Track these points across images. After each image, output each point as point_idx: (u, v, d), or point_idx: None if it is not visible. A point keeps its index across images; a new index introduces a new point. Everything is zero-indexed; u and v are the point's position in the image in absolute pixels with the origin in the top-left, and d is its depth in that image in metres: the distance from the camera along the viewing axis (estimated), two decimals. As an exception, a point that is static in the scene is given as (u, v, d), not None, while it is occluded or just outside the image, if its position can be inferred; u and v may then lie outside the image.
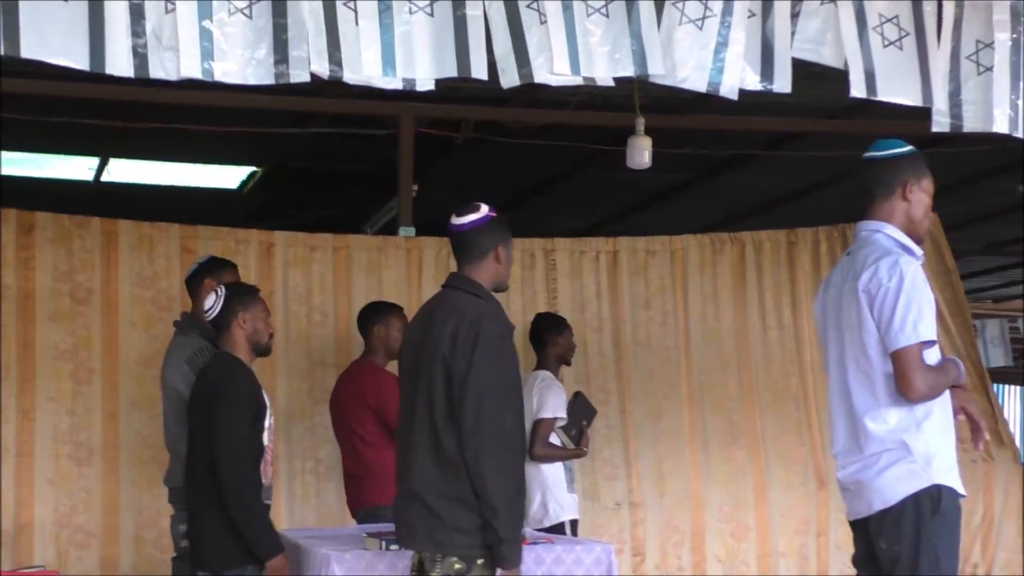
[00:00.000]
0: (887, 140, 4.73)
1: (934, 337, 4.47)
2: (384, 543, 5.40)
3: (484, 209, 4.81)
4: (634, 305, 8.40)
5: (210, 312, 5.63)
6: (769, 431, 8.39)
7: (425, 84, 4.17)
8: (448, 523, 4.61)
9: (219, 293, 5.64)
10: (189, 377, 5.97)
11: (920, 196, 4.66)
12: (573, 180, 10.49)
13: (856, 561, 4.72)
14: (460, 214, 4.82)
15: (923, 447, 4.44)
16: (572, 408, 7.37)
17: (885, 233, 4.62)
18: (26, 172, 10.41)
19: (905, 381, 4.39)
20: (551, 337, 7.47)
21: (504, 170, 10.17)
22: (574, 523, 7.30)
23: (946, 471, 4.47)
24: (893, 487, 4.42)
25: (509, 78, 4.22)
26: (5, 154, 9.82)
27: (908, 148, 4.68)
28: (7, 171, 10.31)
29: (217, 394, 5.46)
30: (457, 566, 4.64)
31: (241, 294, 5.70)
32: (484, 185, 10.45)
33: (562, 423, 7.30)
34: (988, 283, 15.65)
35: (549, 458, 7.25)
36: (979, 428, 4.61)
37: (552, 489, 7.27)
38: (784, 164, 9.79)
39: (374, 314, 7.03)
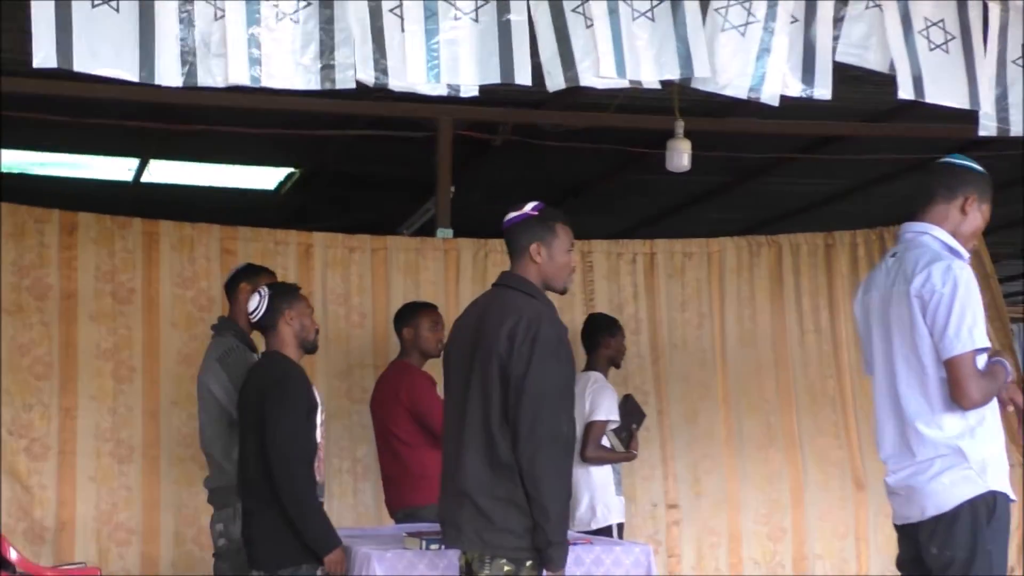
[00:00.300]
0: (962, 156, 4.74)
1: (988, 344, 4.46)
2: (424, 543, 5.44)
3: (528, 207, 4.77)
4: (671, 307, 8.41)
5: (255, 313, 5.63)
6: (806, 433, 8.38)
7: (469, 90, 4.20)
8: (498, 524, 4.59)
9: (262, 293, 5.64)
10: (220, 377, 6.03)
11: (977, 216, 4.66)
12: (610, 183, 10.50)
13: (901, 564, 4.72)
14: (510, 211, 4.80)
15: (978, 453, 4.43)
16: (622, 411, 7.37)
17: (932, 235, 4.61)
18: (66, 172, 10.48)
19: (960, 389, 4.37)
20: (603, 339, 7.47)
21: (541, 173, 10.19)
22: (620, 526, 7.29)
23: (1000, 477, 4.46)
24: (948, 493, 4.42)
25: (555, 81, 4.25)
26: (46, 155, 9.92)
27: (983, 171, 4.68)
28: (49, 172, 10.42)
29: (269, 393, 5.45)
30: (507, 568, 4.61)
31: (285, 292, 5.71)
32: (521, 187, 10.40)
33: (614, 426, 7.30)
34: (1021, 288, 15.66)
35: (600, 460, 7.25)
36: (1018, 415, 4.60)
37: (600, 492, 7.27)
38: (822, 167, 9.77)
39: (404, 315, 7.07)
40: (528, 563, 4.62)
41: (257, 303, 5.63)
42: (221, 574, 6.08)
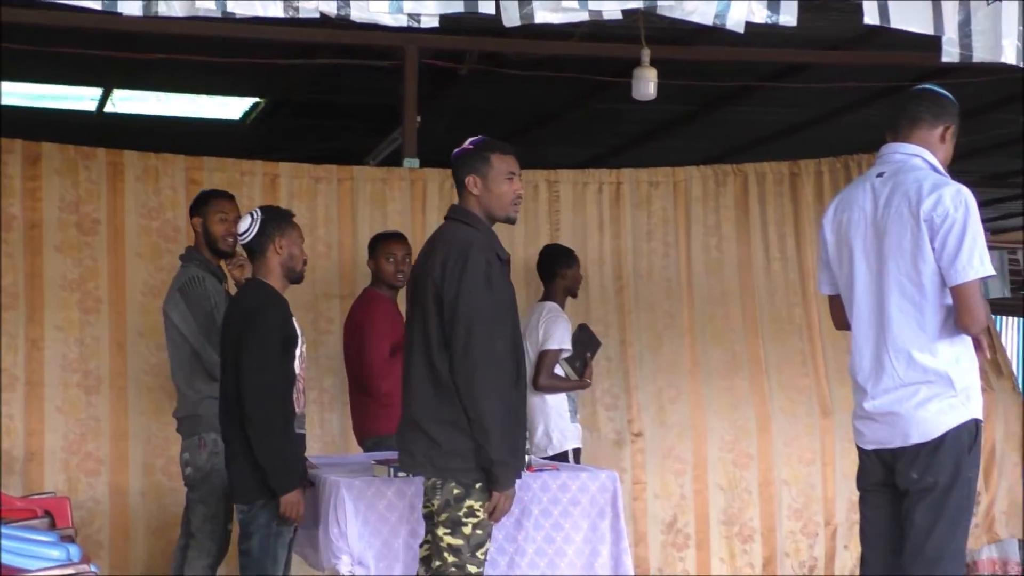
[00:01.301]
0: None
1: (994, 272, 4.48)
2: (392, 470, 5.49)
3: (468, 142, 4.96)
4: (637, 237, 8.40)
5: (245, 235, 5.48)
6: (772, 361, 8.42)
7: (430, 20, 4.18)
8: (445, 447, 4.74)
9: (255, 216, 5.50)
10: (179, 305, 6.02)
11: (950, 147, 4.69)
12: (577, 112, 10.48)
13: (866, 486, 4.74)
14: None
15: (963, 381, 4.47)
16: (576, 340, 7.42)
17: (923, 158, 4.60)
18: (29, 103, 10.39)
19: (970, 314, 4.37)
20: (559, 269, 7.51)
21: (508, 102, 10.15)
22: (577, 451, 7.39)
23: (978, 405, 4.52)
24: (935, 421, 4.45)
25: (510, 16, 4.22)
26: (7, 85, 9.81)
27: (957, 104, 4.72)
28: (10, 102, 10.31)
29: (247, 323, 5.38)
30: (456, 491, 4.76)
31: (278, 218, 5.56)
32: (487, 117, 10.44)
33: (567, 355, 7.36)
34: (988, 215, 15.66)
35: (553, 388, 7.31)
36: (980, 345, 4.64)
37: (555, 419, 7.36)
38: (789, 96, 9.77)
39: (370, 246, 7.14)
40: (477, 485, 4.75)
41: (248, 225, 5.48)
42: (193, 503, 6.11)
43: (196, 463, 6.02)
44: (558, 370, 7.37)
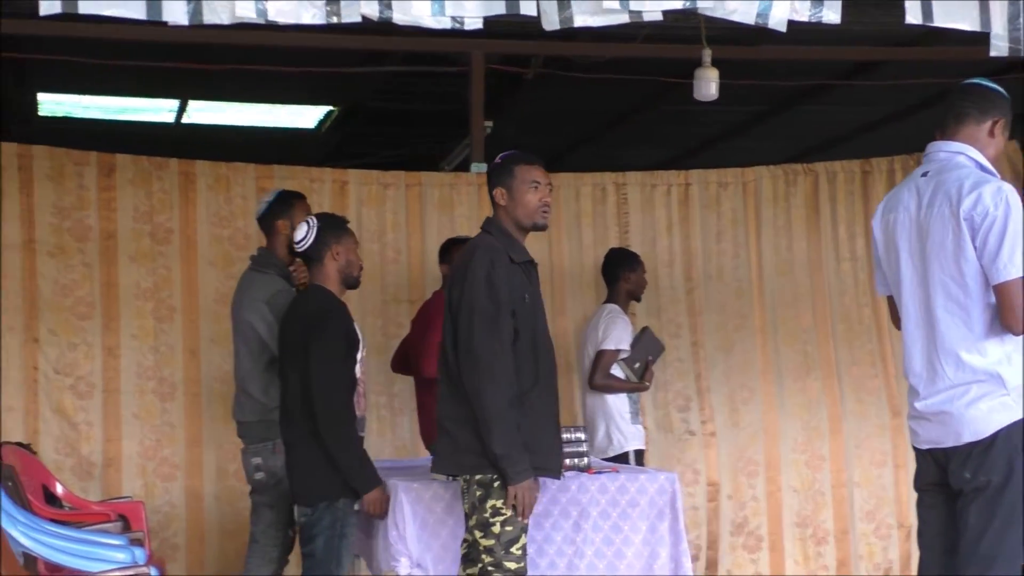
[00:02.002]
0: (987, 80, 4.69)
1: None
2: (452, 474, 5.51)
3: (497, 157, 5.15)
4: (706, 238, 8.38)
5: (302, 243, 5.56)
6: (843, 362, 8.36)
7: (473, 22, 4.22)
8: (461, 445, 4.90)
9: (311, 224, 5.57)
10: (267, 318, 5.97)
11: (1000, 141, 4.60)
12: (646, 114, 10.47)
13: (921, 487, 4.70)
14: None
15: (1015, 379, 4.39)
16: (638, 342, 7.42)
17: (968, 155, 4.53)
18: (109, 116, 10.61)
19: (1013, 314, 4.31)
20: (622, 273, 7.52)
21: (576, 105, 10.17)
22: (639, 453, 7.38)
23: None
24: (987, 419, 4.39)
25: (550, 20, 4.25)
26: (87, 98, 10.02)
27: (1007, 95, 4.64)
28: (91, 115, 10.54)
29: (311, 328, 5.44)
30: (478, 492, 4.89)
31: (334, 226, 5.64)
32: (556, 121, 10.49)
33: (624, 356, 7.36)
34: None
35: (607, 388, 7.32)
36: None
37: (616, 420, 7.36)
38: (862, 94, 9.69)
39: (444, 251, 7.19)
40: (496, 484, 4.84)
41: (305, 233, 5.55)
42: (255, 507, 6.18)
43: (271, 468, 6.03)
44: (618, 372, 7.37)
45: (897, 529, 8.29)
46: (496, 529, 4.85)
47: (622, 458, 7.21)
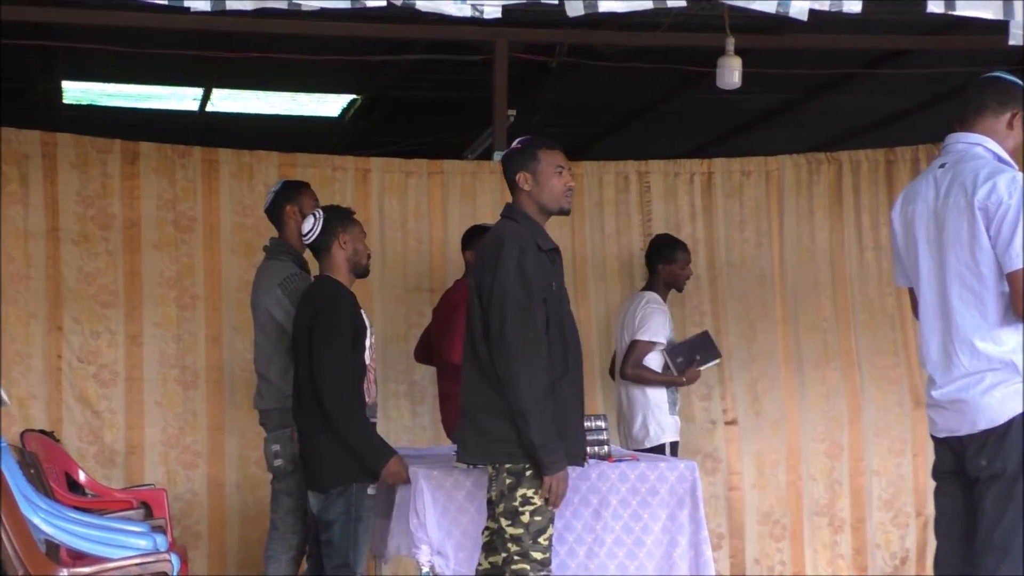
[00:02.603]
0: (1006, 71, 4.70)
1: None
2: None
3: (515, 142, 5.12)
4: (729, 226, 8.36)
5: (309, 235, 5.71)
6: (864, 351, 8.33)
7: (493, 11, 4.21)
8: (492, 435, 4.85)
9: (317, 216, 5.72)
10: (283, 302, 6.06)
11: (1019, 133, 4.64)
12: (671, 104, 10.43)
13: (939, 476, 4.74)
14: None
15: None
16: (694, 343, 7.41)
17: (985, 147, 4.57)
18: (134, 103, 10.64)
19: None
20: (658, 263, 7.45)
21: (600, 94, 10.14)
22: (674, 445, 7.34)
23: None
24: (1001, 407, 4.41)
25: (574, 7, 4.24)
26: (111, 87, 10.05)
27: None
28: (116, 103, 10.57)
29: (317, 318, 5.55)
30: (508, 480, 4.85)
31: (340, 216, 5.77)
32: (581, 110, 10.46)
33: (660, 347, 7.31)
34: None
35: (639, 379, 7.29)
36: None
37: (654, 411, 7.32)
38: (885, 84, 9.64)
39: (467, 239, 7.17)
40: (528, 473, 4.80)
41: (312, 225, 5.70)
42: (279, 494, 6.21)
43: (289, 455, 6.08)
44: (656, 362, 7.32)
45: (915, 518, 8.28)
46: (525, 518, 4.83)
47: (658, 449, 7.18)
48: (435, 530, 5.42)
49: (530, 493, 4.82)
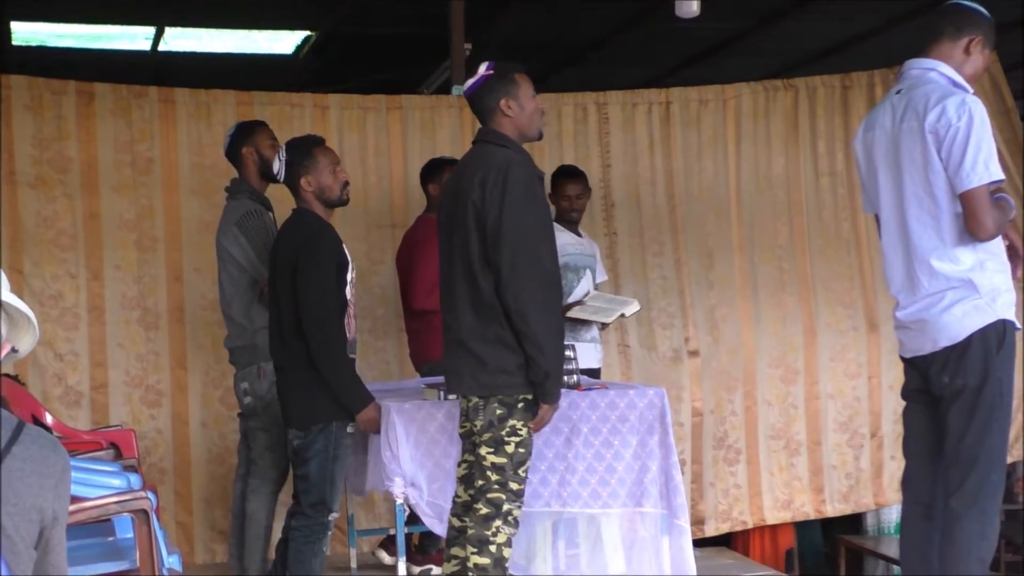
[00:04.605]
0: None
1: (1003, 176, 4.51)
2: (442, 394, 5.56)
3: (483, 68, 4.99)
4: (687, 156, 8.36)
5: (279, 174, 5.69)
6: (820, 276, 8.41)
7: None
8: (491, 365, 4.80)
9: (281, 157, 5.67)
10: (240, 239, 6.11)
11: (979, 58, 4.69)
12: (629, 35, 10.39)
13: (907, 395, 4.86)
14: (468, 79, 5.01)
15: (988, 283, 4.52)
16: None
17: (939, 71, 4.63)
18: (84, 44, 10.49)
19: (976, 221, 4.43)
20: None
21: (558, 27, 10.10)
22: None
23: (1008, 306, 4.57)
24: (960, 324, 4.52)
25: None
26: (61, 26, 9.91)
27: (988, 15, 4.72)
28: (67, 44, 10.43)
29: (300, 251, 5.48)
30: (499, 411, 4.83)
31: (301, 152, 5.68)
32: (538, 42, 10.41)
33: None
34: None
35: None
36: (1018, 255, 4.67)
37: None
38: (842, 9, 9.64)
39: (430, 171, 7.15)
40: (520, 405, 4.80)
41: (278, 167, 5.68)
42: (248, 431, 6.23)
43: (257, 392, 6.11)
44: None
45: (869, 439, 8.43)
46: (510, 448, 4.84)
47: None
48: (408, 462, 5.47)
49: (519, 425, 4.83)
